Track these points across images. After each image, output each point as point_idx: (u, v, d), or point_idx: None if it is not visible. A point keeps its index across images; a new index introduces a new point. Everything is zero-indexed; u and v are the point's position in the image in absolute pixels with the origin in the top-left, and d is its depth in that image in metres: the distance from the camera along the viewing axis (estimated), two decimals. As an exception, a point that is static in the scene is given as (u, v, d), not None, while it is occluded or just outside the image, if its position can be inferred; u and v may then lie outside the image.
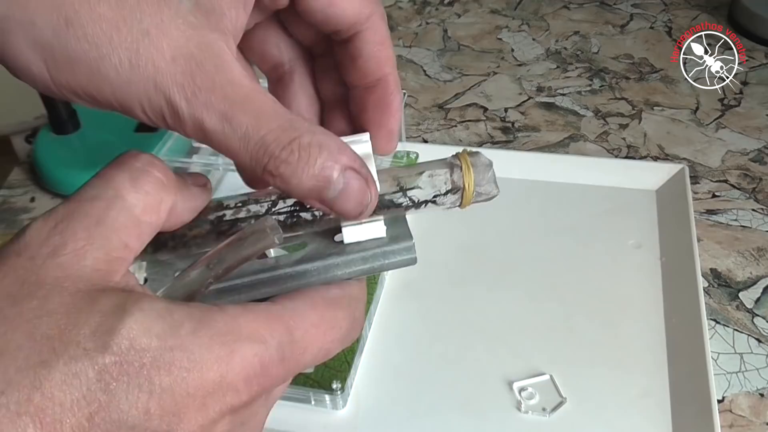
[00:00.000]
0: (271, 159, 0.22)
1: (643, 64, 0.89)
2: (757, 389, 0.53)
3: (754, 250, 0.63)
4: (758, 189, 0.70)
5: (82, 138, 0.76)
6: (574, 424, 0.50)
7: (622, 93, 0.84)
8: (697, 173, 0.72)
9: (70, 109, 0.75)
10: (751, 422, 0.51)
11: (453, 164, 0.27)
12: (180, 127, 0.23)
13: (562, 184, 0.69)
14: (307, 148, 0.23)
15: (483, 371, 0.54)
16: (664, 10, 1.00)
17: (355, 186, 0.24)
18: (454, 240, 0.64)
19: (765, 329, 0.57)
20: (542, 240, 0.64)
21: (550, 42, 0.95)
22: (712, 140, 0.76)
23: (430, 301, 0.59)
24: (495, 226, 0.65)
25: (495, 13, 1.02)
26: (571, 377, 0.53)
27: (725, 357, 0.55)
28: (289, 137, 0.22)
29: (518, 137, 0.78)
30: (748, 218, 0.66)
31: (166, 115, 0.23)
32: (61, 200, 0.77)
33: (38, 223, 0.22)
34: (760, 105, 0.81)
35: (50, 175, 0.74)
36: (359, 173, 0.24)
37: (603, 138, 0.77)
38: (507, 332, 0.56)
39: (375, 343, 0.56)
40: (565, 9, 1.02)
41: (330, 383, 0.51)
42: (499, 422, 0.51)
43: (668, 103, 0.82)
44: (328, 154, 0.23)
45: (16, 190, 0.76)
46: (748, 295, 0.59)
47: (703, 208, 0.67)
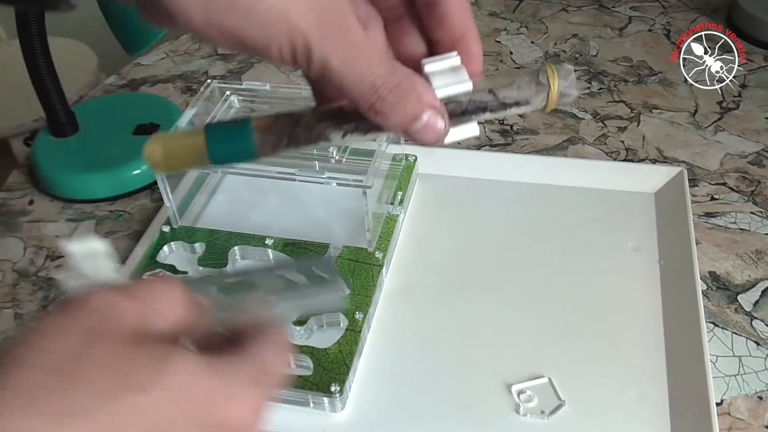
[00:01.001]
0: (378, 99, 0.28)
1: (641, 66, 0.89)
2: (755, 392, 0.53)
3: (753, 253, 0.63)
4: (757, 192, 0.70)
5: (80, 141, 0.76)
6: (572, 427, 0.50)
7: (621, 96, 0.84)
8: (696, 176, 0.72)
9: (68, 112, 0.75)
10: (749, 425, 0.51)
11: (539, 71, 0.31)
12: (307, 65, 0.28)
13: (561, 187, 0.69)
14: (405, 91, 0.28)
15: (481, 374, 0.54)
16: (663, 12, 1.00)
17: (433, 122, 0.29)
18: (452, 243, 0.64)
19: (763, 332, 0.57)
20: (541, 243, 0.64)
21: (548, 45, 0.95)
22: (711, 143, 0.76)
23: (429, 304, 0.59)
24: (493, 229, 0.65)
25: (493, 16, 1.02)
26: (570, 380, 0.53)
27: (724, 360, 0.55)
28: (394, 82, 0.28)
29: (517, 140, 0.78)
30: (747, 221, 0.66)
31: (299, 54, 0.28)
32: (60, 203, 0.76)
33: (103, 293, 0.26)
34: (758, 108, 0.81)
35: (49, 178, 0.74)
36: (438, 111, 0.30)
37: (601, 141, 0.77)
38: (505, 335, 0.56)
39: (374, 346, 0.56)
40: (564, 12, 1.02)
41: (329, 386, 0.51)
42: (498, 425, 0.51)
43: (667, 105, 0.82)
44: (417, 96, 0.29)
45: (14, 193, 0.76)
46: (746, 298, 0.59)
47: (702, 211, 0.68)
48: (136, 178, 0.73)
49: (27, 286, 0.65)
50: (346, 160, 0.56)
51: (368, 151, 0.58)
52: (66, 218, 0.72)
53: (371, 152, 0.58)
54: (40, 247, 0.69)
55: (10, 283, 0.66)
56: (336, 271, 0.37)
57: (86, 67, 1.42)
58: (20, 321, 0.62)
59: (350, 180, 0.56)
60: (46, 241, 0.70)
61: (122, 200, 0.73)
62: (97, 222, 0.71)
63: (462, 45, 0.32)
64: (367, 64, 0.28)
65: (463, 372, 0.54)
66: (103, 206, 0.73)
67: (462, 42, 0.32)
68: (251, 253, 0.62)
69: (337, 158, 0.56)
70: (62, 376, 0.23)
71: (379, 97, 0.28)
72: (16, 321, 0.62)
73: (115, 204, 0.73)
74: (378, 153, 0.58)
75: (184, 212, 0.66)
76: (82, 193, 0.73)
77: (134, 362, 0.25)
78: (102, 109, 0.83)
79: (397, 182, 0.67)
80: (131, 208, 0.73)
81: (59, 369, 0.23)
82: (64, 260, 0.42)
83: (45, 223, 0.72)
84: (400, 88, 0.28)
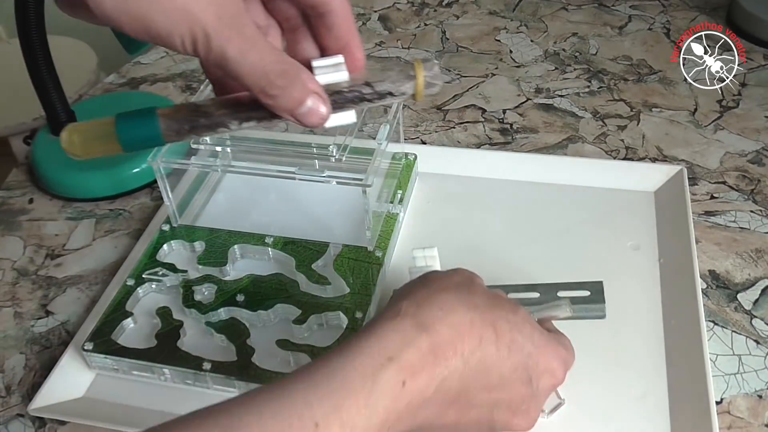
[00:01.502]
0: (268, 83, 0.32)
1: (641, 65, 0.89)
2: (755, 391, 0.53)
3: (753, 252, 0.63)
4: (757, 190, 0.70)
5: (80, 139, 0.76)
6: (572, 426, 0.50)
7: (621, 94, 0.84)
8: (696, 175, 0.72)
9: (68, 111, 0.75)
10: (749, 424, 0.51)
11: (409, 65, 0.37)
12: (206, 54, 0.32)
13: (561, 185, 0.69)
14: (292, 77, 0.33)
15: (481, 373, 0.54)
16: (663, 11, 1.00)
17: (316, 106, 0.34)
18: (452, 242, 0.64)
19: (763, 331, 0.57)
20: (540, 241, 0.64)
21: (548, 43, 0.95)
22: (711, 142, 0.76)
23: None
24: (493, 228, 0.65)
25: (493, 15, 1.02)
26: (570, 379, 0.52)
27: (723, 359, 0.55)
28: (282, 68, 0.33)
29: (516, 139, 0.78)
30: (747, 220, 0.66)
31: (198, 43, 0.32)
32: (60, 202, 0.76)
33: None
34: (758, 106, 0.81)
35: (49, 177, 0.74)
36: (320, 97, 0.34)
37: (601, 139, 0.77)
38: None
39: (373, 344, 0.56)
40: (564, 10, 1.02)
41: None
42: (498, 424, 0.51)
43: (667, 104, 0.82)
44: (303, 82, 0.33)
45: (14, 192, 0.76)
46: (746, 297, 0.59)
47: (702, 210, 0.68)
48: (136, 176, 0.73)
49: (27, 285, 0.65)
50: (346, 159, 0.56)
51: (368, 150, 0.58)
52: (66, 217, 0.72)
53: (371, 151, 0.58)
54: (39, 245, 0.69)
55: (10, 281, 0.66)
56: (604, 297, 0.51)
57: (86, 66, 1.42)
58: (20, 320, 0.62)
59: (350, 178, 0.56)
60: (46, 240, 0.70)
61: (122, 199, 0.73)
62: (97, 220, 0.71)
63: (347, 51, 0.37)
64: (259, 54, 0.32)
65: (463, 370, 0.54)
66: (102, 205, 0.73)
67: (347, 49, 0.37)
68: (251, 251, 0.62)
69: (337, 157, 0.56)
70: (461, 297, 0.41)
71: (269, 82, 0.32)
72: (16, 320, 0.62)
73: (114, 203, 0.73)
74: (378, 151, 0.58)
75: (184, 211, 0.66)
76: (82, 192, 0.73)
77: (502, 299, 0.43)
78: (102, 107, 0.83)
79: (397, 181, 0.67)
80: (131, 206, 0.73)
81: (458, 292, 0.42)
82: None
83: (45, 221, 0.72)
84: (287, 74, 0.33)
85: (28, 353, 0.59)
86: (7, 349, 0.59)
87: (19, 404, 0.55)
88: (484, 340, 0.39)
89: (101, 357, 0.54)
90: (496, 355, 0.40)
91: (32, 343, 0.60)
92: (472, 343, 0.39)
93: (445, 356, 0.38)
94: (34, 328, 0.61)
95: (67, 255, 0.68)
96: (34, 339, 0.60)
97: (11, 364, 0.58)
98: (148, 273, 0.60)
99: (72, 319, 0.61)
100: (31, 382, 0.57)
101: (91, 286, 0.64)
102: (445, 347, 0.38)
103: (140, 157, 0.72)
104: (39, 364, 0.58)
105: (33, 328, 0.61)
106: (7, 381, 0.57)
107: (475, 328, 0.39)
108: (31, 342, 0.60)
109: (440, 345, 0.38)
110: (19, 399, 0.55)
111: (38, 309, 0.63)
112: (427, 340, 0.37)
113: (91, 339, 0.55)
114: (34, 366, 0.58)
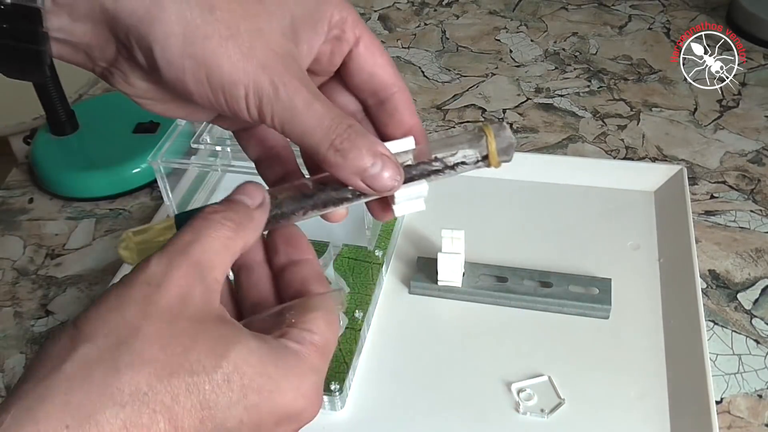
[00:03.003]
0: (337, 136, 0.30)
1: (641, 65, 0.89)
2: (755, 390, 0.53)
3: (753, 252, 0.63)
4: (756, 190, 0.70)
5: (80, 139, 0.76)
6: (572, 426, 0.50)
7: (621, 94, 0.84)
8: (696, 174, 0.72)
9: (68, 111, 0.75)
10: (749, 423, 0.51)
11: (479, 137, 0.34)
12: (272, 107, 0.29)
13: (561, 185, 0.69)
14: (359, 133, 0.30)
15: (481, 372, 0.54)
16: (663, 11, 1.00)
17: (390, 165, 0.31)
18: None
19: (763, 330, 0.57)
20: (540, 241, 0.64)
21: (548, 43, 0.95)
22: (711, 141, 0.76)
23: (429, 302, 0.59)
24: (493, 227, 0.65)
25: (493, 14, 1.02)
26: (570, 378, 0.53)
27: (723, 358, 0.55)
28: (348, 123, 0.30)
29: (517, 138, 0.78)
30: (747, 219, 0.66)
31: (264, 96, 0.29)
32: (60, 201, 0.76)
33: (156, 258, 0.27)
34: (758, 106, 0.81)
35: (48, 176, 0.74)
36: (391, 158, 0.31)
37: (601, 139, 0.77)
38: (505, 333, 0.56)
39: (373, 344, 0.56)
40: (564, 10, 1.02)
41: (328, 384, 0.51)
42: (498, 423, 0.51)
43: (666, 104, 0.82)
44: (371, 141, 0.30)
45: (14, 191, 0.76)
46: (746, 297, 0.59)
47: (702, 210, 0.68)
48: (136, 176, 0.73)
49: (26, 284, 0.65)
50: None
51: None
52: (66, 216, 0.72)
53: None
54: (39, 245, 0.69)
55: (10, 281, 0.66)
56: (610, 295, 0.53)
57: (86, 66, 1.41)
58: (20, 319, 0.62)
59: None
60: (46, 240, 0.70)
61: (122, 198, 0.73)
62: (97, 220, 0.71)
63: (412, 135, 0.34)
64: (323, 106, 0.30)
65: (463, 370, 0.54)
66: (102, 204, 0.73)
67: (411, 133, 0.34)
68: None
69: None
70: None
71: (337, 135, 0.30)
72: (16, 319, 0.62)
73: (114, 202, 0.73)
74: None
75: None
76: (82, 192, 0.73)
77: (196, 342, 0.26)
78: (102, 107, 0.83)
79: (396, 180, 0.67)
80: (131, 206, 0.73)
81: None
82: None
83: (45, 221, 0.72)
84: (354, 129, 0.30)
85: (28, 353, 0.59)
86: (7, 348, 0.59)
87: (19, 404, 0.55)
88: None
89: (101, 357, 0.54)
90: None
91: (32, 343, 0.60)
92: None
93: None
94: (34, 327, 0.61)
95: (67, 255, 0.68)
96: (34, 339, 0.60)
97: (11, 364, 0.58)
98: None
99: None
100: (31, 381, 0.57)
101: (91, 286, 0.64)
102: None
103: (140, 157, 0.72)
104: (39, 364, 0.58)
105: (33, 327, 0.61)
106: (7, 381, 0.57)
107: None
108: (31, 342, 0.60)
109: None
110: (19, 399, 0.55)
111: (38, 309, 0.63)
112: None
113: (91, 339, 0.55)
114: (34, 366, 0.58)
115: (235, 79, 0.29)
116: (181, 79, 0.29)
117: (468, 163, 0.34)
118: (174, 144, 0.61)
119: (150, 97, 0.31)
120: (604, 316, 0.56)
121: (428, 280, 0.59)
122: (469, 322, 0.58)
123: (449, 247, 0.57)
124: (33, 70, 0.30)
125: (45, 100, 0.72)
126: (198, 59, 0.28)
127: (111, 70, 0.31)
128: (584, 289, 0.58)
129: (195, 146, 0.61)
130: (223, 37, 0.28)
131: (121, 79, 0.31)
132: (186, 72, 0.29)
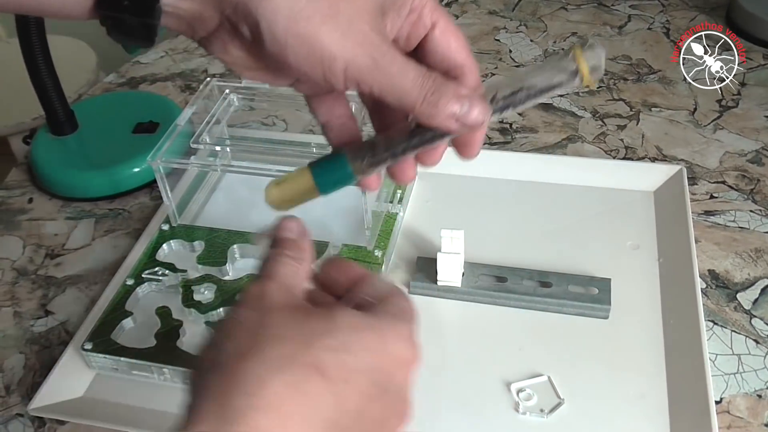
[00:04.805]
0: (427, 91, 0.33)
1: (641, 65, 0.89)
2: (754, 390, 0.53)
3: (752, 252, 0.63)
4: (756, 190, 0.70)
5: (79, 139, 0.76)
6: (571, 425, 0.50)
7: (620, 94, 0.84)
8: (695, 174, 0.72)
9: (68, 111, 0.75)
10: (748, 423, 0.51)
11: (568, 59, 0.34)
12: (371, 78, 0.32)
13: (560, 185, 0.69)
14: (443, 82, 0.33)
15: (481, 372, 0.54)
16: (662, 11, 1.00)
17: (476, 102, 0.33)
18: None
19: (763, 330, 0.57)
20: (540, 241, 0.64)
21: (547, 43, 0.95)
22: (710, 141, 0.76)
23: (428, 301, 0.59)
24: (492, 227, 0.65)
25: (493, 14, 1.02)
26: (569, 378, 0.53)
27: (723, 358, 0.55)
28: (432, 76, 0.33)
29: (516, 138, 0.78)
30: (746, 219, 0.66)
31: (364, 67, 0.32)
32: (59, 201, 0.75)
33: (252, 285, 0.33)
34: (757, 106, 0.81)
35: (48, 176, 0.74)
36: (475, 96, 0.34)
37: (601, 139, 0.77)
38: (505, 333, 0.56)
39: (373, 344, 0.56)
40: (563, 10, 1.02)
41: (328, 384, 0.50)
42: (497, 423, 0.51)
43: (666, 104, 0.82)
44: (455, 86, 0.33)
45: (14, 191, 0.76)
46: (745, 297, 0.59)
47: (701, 210, 0.68)
48: (136, 176, 0.73)
49: (26, 284, 0.65)
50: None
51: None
52: (65, 216, 0.72)
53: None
54: (39, 245, 0.69)
55: (10, 281, 0.66)
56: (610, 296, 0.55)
57: (86, 66, 1.42)
58: (19, 319, 0.62)
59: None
60: (46, 240, 0.70)
61: (121, 198, 0.73)
62: (97, 220, 0.71)
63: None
64: (414, 67, 0.33)
65: (463, 370, 0.54)
66: (102, 204, 0.73)
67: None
68: (251, 251, 0.62)
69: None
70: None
71: (428, 89, 0.33)
72: (15, 319, 0.62)
73: (114, 202, 0.73)
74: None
75: (184, 210, 0.66)
76: (82, 192, 0.73)
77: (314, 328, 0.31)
78: (101, 107, 0.83)
79: (396, 180, 0.67)
80: (130, 206, 0.73)
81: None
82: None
83: (44, 221, 0.72)
84: (438, 81, 0.33)
85: (28, 353, 0.59)
86: (6, 348, 0.59)
87: (19, 404, 0.55)
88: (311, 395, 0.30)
89: (101, 357, 0.54)
90: (334, 402, 0.31)
91: (32, 343, 0.60)
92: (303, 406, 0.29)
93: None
94: (34, 327, 0.61)
95: (67, 255, 0.68)
96: (33, 339, 0.60)
97: (11, 364, 0.58)
98: (147, 273, 0.60)
99: (71, 319, 0.61)
100: (31, 381, 0.57)
101: (91, 286, 0.64)
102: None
103: (139, 157, 0.72)
104: (38, 364, 0.58)
105: (33, 327, 0.61)
106: (6, 381, 0.57)
107: (299, 389, 0.29)
108: (30, 342, 0.60)
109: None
110: (19, 399, 0.55)
111: (38, 309, 0.63)
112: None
113: (91, 339, 0.55)
114: (33, 366, 0.58)
115: (336, 55, 0.32)
116: (283, 53, 0.32)
117: (556, 84, 0.35)
118: (173, 144, 0.61)
119: (243, 65, 0.34)
120: (604, 316, 0.56)
121: (428, 280, 0.59)
122: (469, 322, 0.58)
123: (449, 247, 0.57)
124: (144, 40, 0.33)
125: (44, 100, 0.72)
126: (301, 37, 0.31)
127: (210, 39, 0.34)
128: (584, 289, 0.58)
129: (194, 146, 0.61)
130: (325, 16, 0.31)
131: (219, 47, 0.34)
132: (288, 47, 0.32)
